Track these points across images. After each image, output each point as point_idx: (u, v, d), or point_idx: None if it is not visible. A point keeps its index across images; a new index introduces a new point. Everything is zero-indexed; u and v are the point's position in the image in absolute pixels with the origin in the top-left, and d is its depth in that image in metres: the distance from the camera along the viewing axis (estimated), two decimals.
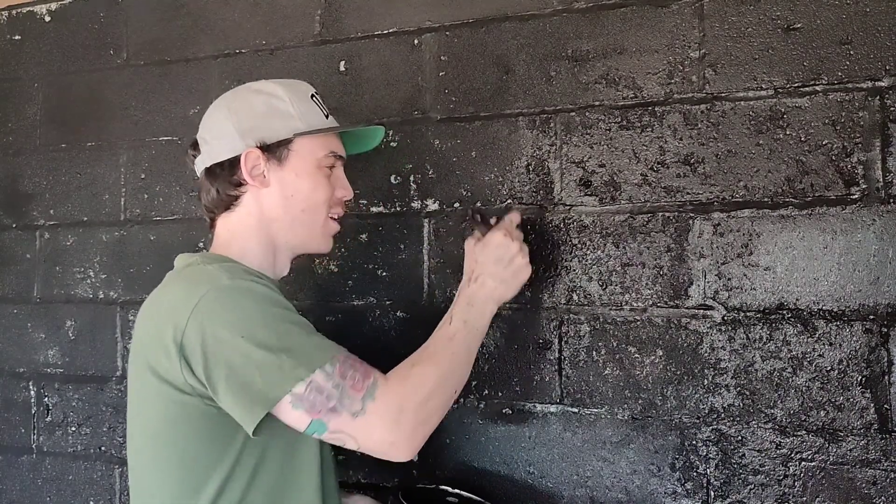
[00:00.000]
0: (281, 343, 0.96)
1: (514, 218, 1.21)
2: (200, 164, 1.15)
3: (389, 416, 0.97)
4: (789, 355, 1.15)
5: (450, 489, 1.28)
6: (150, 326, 1.03)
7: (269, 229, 1.13)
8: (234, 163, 1.11)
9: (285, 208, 1.12)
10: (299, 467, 1.05)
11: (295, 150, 1.12)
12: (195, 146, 1.16)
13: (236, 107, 1.13)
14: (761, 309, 1.17)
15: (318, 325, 1.04)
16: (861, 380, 1.12)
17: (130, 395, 1.10)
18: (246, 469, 1.00)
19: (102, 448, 1.65)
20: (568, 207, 1.29)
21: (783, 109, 1.17)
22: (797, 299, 1.15)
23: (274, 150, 1.11)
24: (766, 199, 1.17)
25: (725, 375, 1.19)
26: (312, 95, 1.16)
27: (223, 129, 1.12)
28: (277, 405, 0.94)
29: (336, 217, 1.19)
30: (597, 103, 1.28)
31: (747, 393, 1.17)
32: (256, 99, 1.13)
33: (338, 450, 1.10)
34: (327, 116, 1.17)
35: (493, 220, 1.21)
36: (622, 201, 1.26)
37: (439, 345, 1.08)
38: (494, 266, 1.14)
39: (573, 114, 1.30)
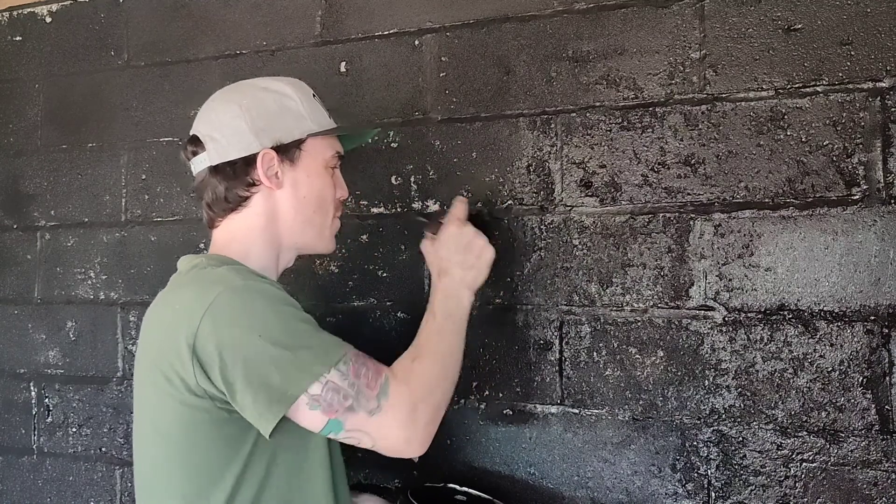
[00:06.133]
0: (296, 341, 0.96)
1: (460, 208, 1.21)
2: (204, 161, 1.10)
3: (404, 413, 0.98)
4: (790, 356, 1.15)
5: (458, 487, 1.28)
6: (161, 330, 1.02)
7: (276, 230, 1.12)
8: (248, 162, 1.08)
9: (298, 209, 1.12)
10: (310, 469, 1.05)
11: (306, 150, 1.12)
12: (195, 142, 1.11)
13: (248, 104, 1.09)
14: (762, 310, 1.17)
15: (320, 326, 1.04)
16: (862, 381, 1.11)
17: (138, 399, 1.09)
18: (257, 472, 1.00)
19: (103, 449, 1.65)
20: (568, 208, 1.29)
21: (784, 110, 1.17)
22: (798, 300, 1.15)
23: (287, 150, 1.10)
24: (766, 200, 1.17)
25: (726, 376, 1.18)
26: (314, 95, 1.16)
27: (235, 127, 1.08)
28: (294, 406, 0.94)
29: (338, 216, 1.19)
30: (597, 104, 1.28)
31: (748, 394, 1.17)
32: (267, 97, 1.11)
33: (342, 449, 1.10)
34: (329, 116, 1.17)
35: (441, 218, 1.22)
36: (623, 202, 1.26)
37: (432, 340, 1.10)
38: (458, 255, 1.16)
39: (574, 114, 1.30)
